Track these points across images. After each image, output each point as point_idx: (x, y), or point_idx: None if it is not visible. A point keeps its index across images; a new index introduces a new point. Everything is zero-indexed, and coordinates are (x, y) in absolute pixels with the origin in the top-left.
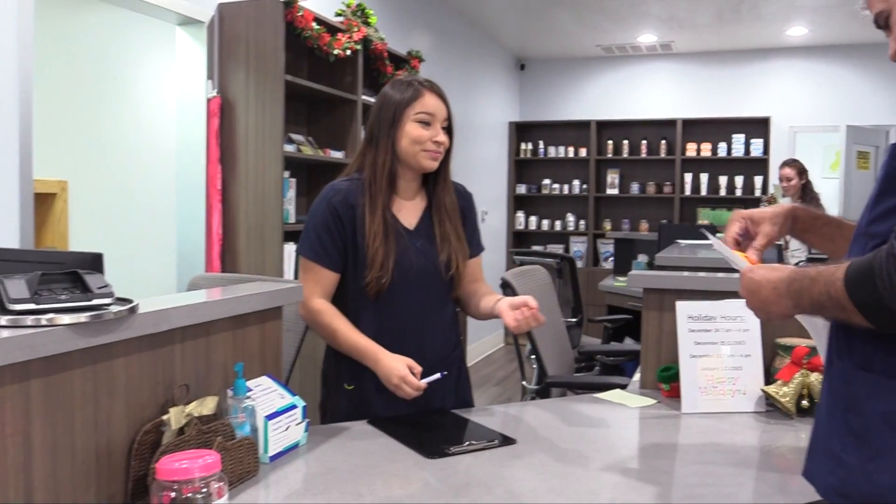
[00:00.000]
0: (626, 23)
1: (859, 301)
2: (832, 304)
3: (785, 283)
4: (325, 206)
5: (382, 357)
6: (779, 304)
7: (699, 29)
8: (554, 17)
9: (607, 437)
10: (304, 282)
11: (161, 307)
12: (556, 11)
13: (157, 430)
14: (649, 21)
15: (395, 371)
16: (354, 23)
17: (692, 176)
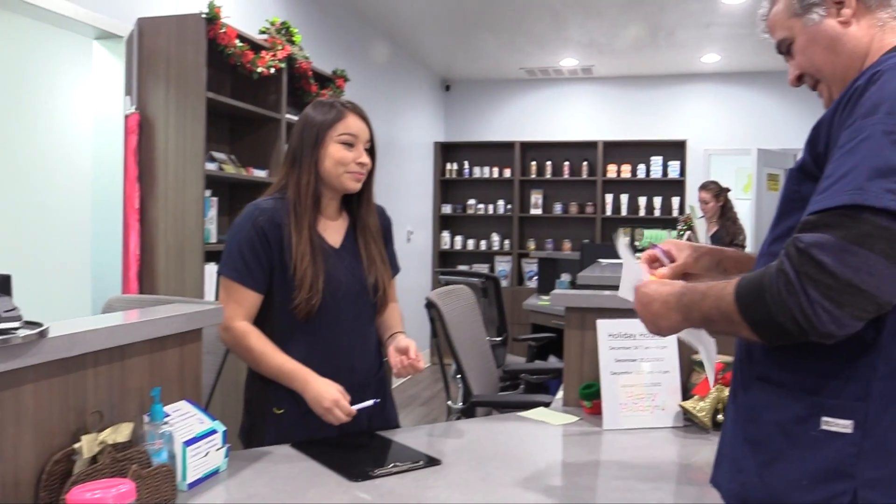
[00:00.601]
0: (549, 47)
1: (749, 316)
2: (722, 319)
3: (675, 297)
4: (251, 226)
5: (312, 380)
6: (668, 317)
7: (618, 54)
8: (479, 40)
9: (531, 455)
10: (225, 303)
11: (73, 330)
12: (481, 34)
13: (68, 460)
14: (571, 45)
15: (327, 395)
16: (279, 41)
17: (613, 196)
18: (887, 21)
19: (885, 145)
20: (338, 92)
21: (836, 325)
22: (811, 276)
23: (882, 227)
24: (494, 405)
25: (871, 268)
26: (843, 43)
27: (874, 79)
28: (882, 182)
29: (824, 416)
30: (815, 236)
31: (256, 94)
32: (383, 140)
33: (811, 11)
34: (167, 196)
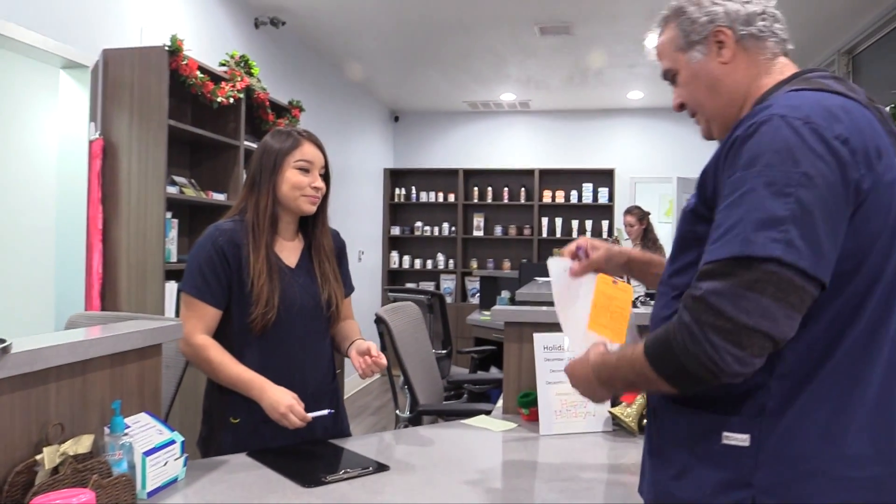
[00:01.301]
0: (490, 83)
1: (663, 371)
2: (640, 380)
3: (594, 376)
4: (211, 246)
5: (268, 388)
6: (598, 391)
7: (553, 90)
8: (425, 76)
9: (474, 459)
10: (186, 318)
11: (36, 346)
12: (427, 70)
13: (29, 471)
14: (509, 82)
15: (283, 400)
16: (238, 73)
17: (548, 220)
18: (763, 63)
19: (766, 197)
20: (294, 121)
21: (741, 364)
22: (711, 322)
23: (770, 273)
24: (440, 413)
25: (763, 310)
26: (723, 83)
27: (750, 131)
28: (767, 232)
29: (725, 431)
30: (711, 284)
31: (216, 122)
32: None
33: (694, 49)
34: (130, 217)
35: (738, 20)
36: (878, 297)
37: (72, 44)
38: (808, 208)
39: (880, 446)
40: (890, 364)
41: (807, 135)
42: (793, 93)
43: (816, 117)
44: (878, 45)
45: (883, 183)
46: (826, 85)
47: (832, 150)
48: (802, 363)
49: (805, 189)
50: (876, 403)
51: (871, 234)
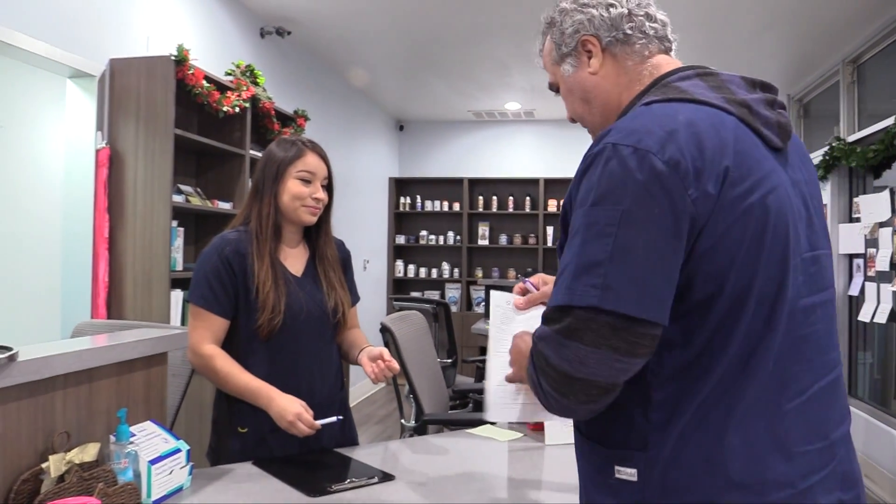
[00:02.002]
0: (494, 92)
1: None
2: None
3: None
4: (217, 256)
5: (276, 396)
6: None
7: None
8: (430, 85)
9: (479, 469)
10: (193, 328)
11: (42, 354)
12: (432, 80)
13: (35, 479)
14: (514, 91)
15: (291, 408)
16: (244, 82)
17: (553, 229)
18: (634, 68)
19: (588, 239)
20: (299, 130)
21: (567, 412)
22: (541, 367)
23: (587, 320)
24: (445, 423)
25: (582, 358)
26: (596, 95)
27: (587, 163)
28: (585, 278)
29: (616, 464)
30: (542, 330)
31: (222, 131)
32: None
33: (565, 61)
34: (136, 226)
35: (604, 26)
36: (752, 316)
37: (79, 53)
38: (629, 246)
39: (778, 469)
40: (780, 382)
41: (634, 166)
42: (642, 108)
43: (649, 140)
44: (884, 55)
45: (728, 200)
46: (683, 91)
47: (659, 179)
48: (677, 392)
49: (625, 227)
50: (766, 426)
51: (727, 251)
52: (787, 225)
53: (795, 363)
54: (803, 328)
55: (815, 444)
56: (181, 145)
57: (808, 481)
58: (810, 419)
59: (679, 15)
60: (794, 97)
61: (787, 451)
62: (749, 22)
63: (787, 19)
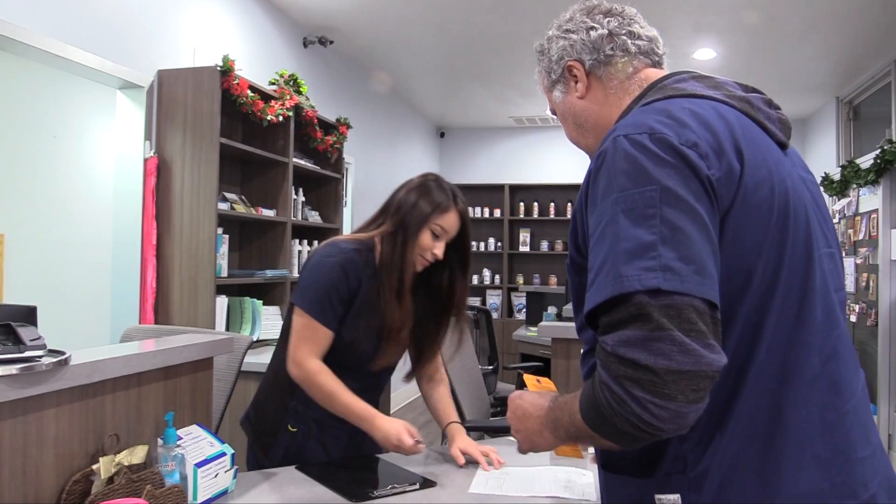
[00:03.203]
0: (535, 97)
1: (600, 431)
2: (584, 436)
3: (545, 414)
4: (339, 270)
5: (378, 420)
6: (542, 434)
7: None
8: (470, 91)
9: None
10: (302, 339)
11: (94, 359)
12: (473, 86)
13: (86, 480)
14: None
15: (392, 431)
16: (287, 91)
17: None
18: (619, 86)
19: (627, 224)
20: (341, 138)
21: (677, 417)
22: (629, 376)
23: (665, 306)
24: (486, 430)
25: (681, 347)
26: (585, 118)
27: (599, 161)
28: (637, 263)
29: (656, 493)
30: (616, 336)
31: (266, 139)
32: (382, 183)
33: (555, 88)
34: (182, 233)
35: (585, 50)
36: (780, 310)
37: (128, 65)
38: (677, 225)
39: (838, 478)
40: (831, 383)
41: (653, 147)
42: (642, 107)
43: (660, 126)
44: None
45: (749, 184)
46: (681, 89)
47: (683, 157)
48: (715, 401)
49: (668, 205)
50: (823, 432)
51: (751, 241)
52: (808, 214)
53: (842, 363)
54: (840, 326)
55: (868, 449)
56: (226, 154)
57: (868, 490)
58: (863, 422)
59: (722, 18)
60: (842, 99)
61: (847, 459)
62: (794, 24)
63: (834, 20)
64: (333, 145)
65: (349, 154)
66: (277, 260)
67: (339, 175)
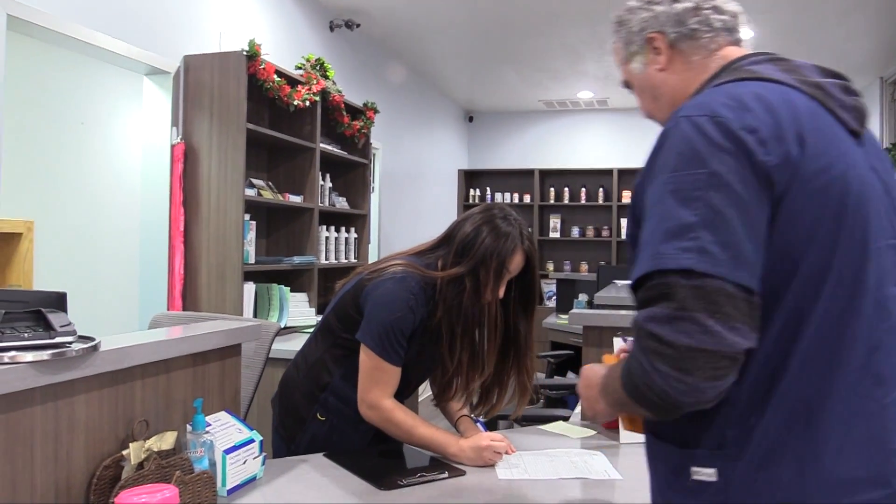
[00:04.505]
0: (566, 80)
1: (638, 400)
2: (625, 402)
3: (601, 381)
4: (409, 311)
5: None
6: (600, 401)
7: None
8: (500, 75)
9: None
10: (375, 382)
11: (123, 345)
12: (502, 69)
13: (116, 465)
14: (587, 79)
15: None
16: (314, 76)
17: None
18: (701, 62)
19: (673, 205)
20: (368, 123)
21: (694, 392)
22: (654, 350)
23: (694, 288)
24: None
25: (703, 328)
26: (663, 90)
27: (661, 140)
28: (675, 242)
29: (693, 465)
30: (646, 312)
31: (292, 124)
32: (410, 168)
33: (634, 59)
34: (209, 220)
35: (669, 22)
36: (830, 298)
37: (155, 51)
38: (720, 210)
39: (874, 467)
40: (875, 376)
41: (711, 131)
42: (711, 88)
43: (723, 110)
44: None
45: (806, 172)
46: (754, 72)
47: (740, 143)
48: (756, 384)
49: (714, 190)
50: (862, 422)
51: (804, 228)
52: (869, 206)
53: (888, 356)
54: (890, 319)
55: None
56: (253, 139)
57: None
58: None
59: None
60: (887, 80)
61: (884, 449)
62: (836, 2)
63: None
64: (361, 130)
65: (376, 139)
66: (305, 246)
67: (366, 160)
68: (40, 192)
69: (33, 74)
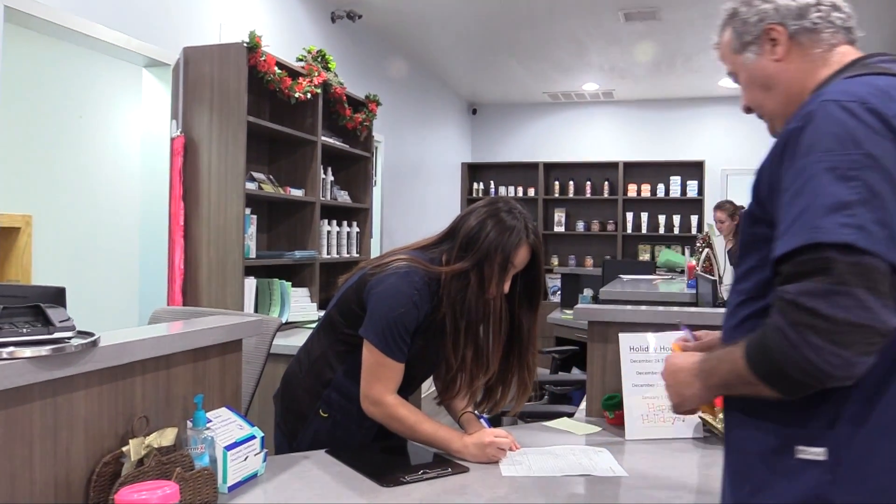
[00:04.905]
0: (571, 72)
1: (765, 377)
2: (740, 382)
3: (697, 365)
4: (413, 306)
5: (467, 440)
6: (692, 386)
7: (638, 79)
8: (504, 66)
9: None
10: (377, 378)
11: (122, 340)
12: (506, 61)
13: (116, 462)
14: (592, 71)
15: (483, 448)
16: (315, 68)
17: (633, 215)
18: (819, 55)
19: (829, 182)
20: (370, 115)
21: (847, 366)
22: (808, 324)
23: (852, 263)
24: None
25: (861, 303)
26: (778, 81)
27: (805, 120)
28: (835, 217)
29: (797, 444)
30: (799, 286)
31: (294, 117)
32: (413, 161)
33: (747, 50)
34: (210, 214)
35: (790, 15)
36: None
37: (154, 42)
38: (876, 190)
39: None
40: None
41: (865, 115)
42: (847, 79)
43: (871, 98)
44: None
45: None
46: (887, 69)
47: (892, 129)
48: (877, 364)
49: (871, 171)
50: None
51: None
52: None
53: None
54: None
55: None
56: (253, 132)
57: None
58: None
59: None
60: None
61: None
62: None
63: None
64: (363, 123)
65: (379, 132)
66: (306, 241)
67: (368, 154)
68: (38, 187)
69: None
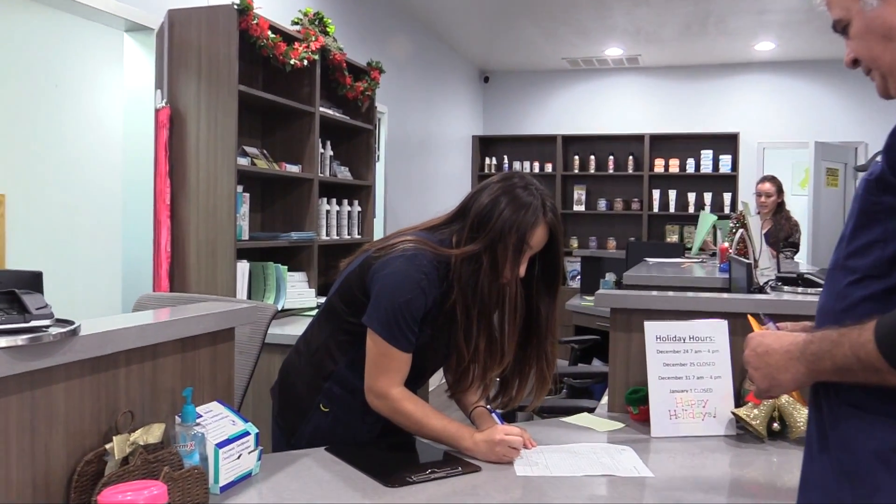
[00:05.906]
0: (593, 36)
1: None
2: (861, 367)
3: (799, 347)
4: (420, 293)
5: (477, 435)
6: (790, 369)
7: (666, 43)
8: (519, 29)
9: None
10: (383, 370)
11: (105, 329)
12: (522, 23)
13: (99, 460)
14: (616, 34)
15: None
16: (312, 32)
17: (660, 192)
18: None
19: None
20: (373, 84)
21: None
22: None
23: None
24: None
25: None
26: None
27: None
28: None
29: None
30: None
31: (289, 86)
32: (420, 134)
33: None
34: (198, 192)
35: None
36: None
37: (136, 4)
38: None
39: None
40: None
41: None
42: None
43: None
44: None
45: None
46: None
47: None
48: None
49: None
50: None
51: None
52: None
53: None
54: None
55: None
56: (245, 103)
57: None
58: None
59: None
60: None
61: None
62: None
63: None
64: (364, 92)
65: (382, 102)
66: (304, 221)
67: (370, 126)
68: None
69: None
